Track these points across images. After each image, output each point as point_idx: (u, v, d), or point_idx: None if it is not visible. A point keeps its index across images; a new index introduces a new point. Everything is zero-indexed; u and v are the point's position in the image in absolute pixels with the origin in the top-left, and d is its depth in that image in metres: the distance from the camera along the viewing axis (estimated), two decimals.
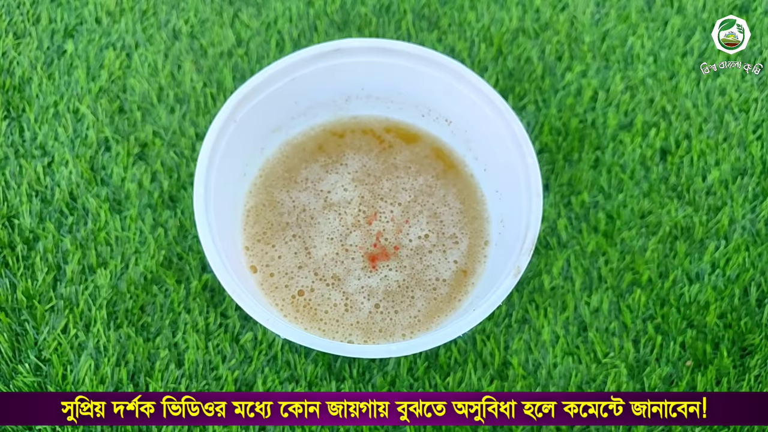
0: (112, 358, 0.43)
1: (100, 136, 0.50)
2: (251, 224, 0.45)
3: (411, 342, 0.37)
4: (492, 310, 0.37)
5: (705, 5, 0.56)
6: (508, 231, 0.43)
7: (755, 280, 0.47)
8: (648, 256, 0.47)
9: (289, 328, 0.37)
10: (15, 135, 0.50)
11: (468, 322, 0.37)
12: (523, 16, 0.56)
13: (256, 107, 0.43)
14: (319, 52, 0.44)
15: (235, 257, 0.42)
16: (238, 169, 0.45)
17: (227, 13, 0.55)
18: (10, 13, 0.55)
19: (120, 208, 0.48)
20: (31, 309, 0.45)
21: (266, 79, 0.43)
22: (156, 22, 0.55)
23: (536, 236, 0.39)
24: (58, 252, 0.46)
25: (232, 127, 0.42)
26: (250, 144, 0.45)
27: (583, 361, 0.44)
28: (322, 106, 0.47)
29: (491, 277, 0.42)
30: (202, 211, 0.39)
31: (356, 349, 0.37)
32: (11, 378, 0.43)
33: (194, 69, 0.53)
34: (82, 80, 0.52)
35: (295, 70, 0.44)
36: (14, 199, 0.48)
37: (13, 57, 0.53)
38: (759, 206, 0.49)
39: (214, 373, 0.43)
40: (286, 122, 0.47)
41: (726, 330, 0.45)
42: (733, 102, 0.53)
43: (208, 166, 0.41)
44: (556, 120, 0.52)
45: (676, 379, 0.44)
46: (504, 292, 0.38)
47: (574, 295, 0.46)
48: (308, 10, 0.55)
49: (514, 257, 0.39)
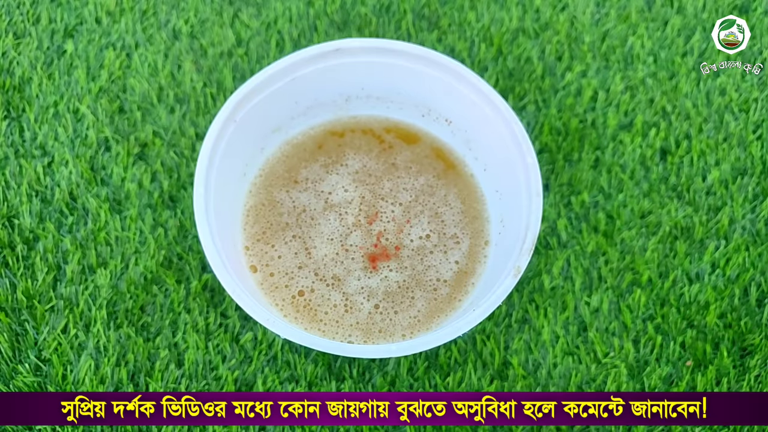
0: (112, 358, 0.43)
1: (100, 136, 0.50)
2: (251, 224, 0.45)
3: (411, 342, 0.37)
4: (492, 310, 0.37)
5: (705, 5, 0.56)
6: (508, 231, 0.43)
7: (755, 280, 0.47)
8: (648, 256, 0.47)
9: (289, 328, 0.37)
10: (15, 135, 0.50)
11: (468, 322, 0.37)
12: (523, 16, 0.56)
13: (256, 107, 0.43)
14: (319, 52, 0.44)
15: (235, 257, 0.42)
16: (238, 169, 0.45)
17: (227, 13, 0.55)
18: (10, 13, 0.55)
19: (120, 208, 0.48)
20: (31, 309, 0.45)
21: (266, 79, 0.43)
22: (156, 22, 0.55)
23: (536, 236, 0.39)
24: (58, 252, 0.46)
25: (232, 127, 0.42)
26: (250, 144, 0.45)
27: (583, 361, 0.44)
28: (322, 106, 0.47)
29: (491, 277, 0.42)
30: (202, 211, 0.39)
31: (356, 349, 0.37)
32: (11, 378, 0.43)
33: (194, 69, 0.53)
34: (82, 80, 0.52)
35: (295, 70, 0.44)
36: (14, 199, 0.48)
37: (13, 57, 0.53)
38: (759, 206, 0.49)
39: (214, 373, 0.43)
40: (286, 122, 0.47)
41: (726, 330, 0.45)
42: (733, 102, 0.53)
43: (208, 166, 0.41)
44: (556, 120, 0.52)
45: (676, 379, 0.44)
46: (504, 292, 0.38)
47: (574, 295, 0.46)
48: (308, 10, 0.55)
49: (514, 257, 0.39)
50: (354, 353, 0.37)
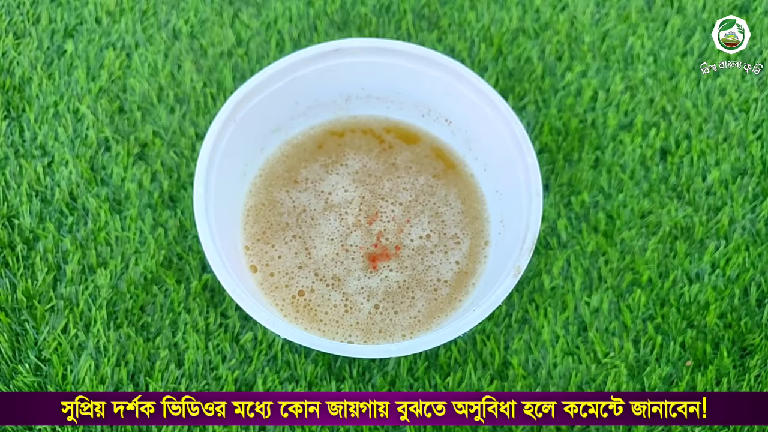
0: (112, 358, 0.43)
1: (100, 136, 0.50)
2: (251, 224, 0.45)
3: (411, 342, 0.37)
4: (492, 310, 0.37)
5: (705, 5, 0.56)
6: (508, 231, 0.43)
7: (755, 280, 0.47)
8: (648, 256, 0.47)
9: (289, 328, 0.37)
10: (15, 135, 0.50)
11: (468, 322, 0.37)
12: (523, 16, 0.56)
13: (256, 107, 0.43)
14: (319, 52, 0.44)
15: (235, 257, 0.42)
16: (238, 169, 0.45)
17: (227, 13, 0.55)
18: (10, 13, 0.55)
19: (120, 208, 0.48)
20: (31, 309, 0.45)
21: (266, 79, 0.43)
22: (156, 22, 0.55)
23: (536, 236, 0.39)
24: (58, 252, 0.46)
25: (232, 127, 0.42)
26: (250, 144, 0.45)
27: (583, 361, 0.44)
28: (322, 106, 0.47)
29: (491, 277, 0.42)
30: (202, 210, 0.39)
31: (356, 349, 0.37)
32: (11, 378, 0.43)
33: (194, 69, 0.53)
34: (82, 80, 0.52)
35: (295, 70, 0.44)
36: (14, 199, 0.48)
37: (13, 57, 0.53)
38: (759, 206, 0.49)
39: (214, 373, 0.43)
40: (286, 122, 0.47)
41: (726, 330, 0.45)
42: (733, 102, 0.53)
43: (208, 165, 0.41)
44: (556, 120, 0.52)
45: (676, 379, 0.44)
46: (504, 292, 0.38)
47: (574, 295, 0.46)
48: (308, 10, 0.55)
49: (514, 257, 0.39)
50: (354, 353, 0.37)
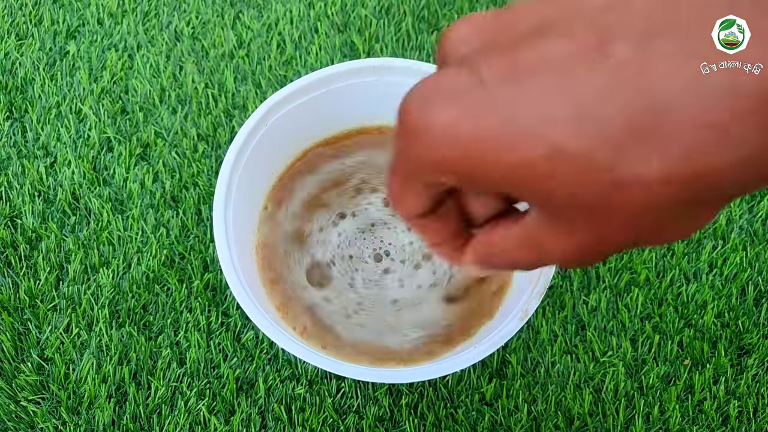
0: (115, 357, 0.44)
1: (103, 136, 0.50)
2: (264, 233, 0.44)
3: (411, 370, 0.37)
4: (492, 351, 0.36)
5: None
6: (522, 272, 0.42)
7: (752, 279, 0.47)
8: (646, 256, 0.47)
9: (301, 348, 0.36)
10: (18, 135, 0.50)
11: (467, 359, 0.36)
12: None
13: (289, 113, 0.43)
14: (357, 67, 0.43)
15: (249, 266, 0.42)
16: (264, 172, 0.44)
17: (228, 15, 0.55)
18: (12, 14, 0.55)
19: (122, 208, 0.48)
20: (33, 308, 0.45)
21: (302, 88, 0.43)
22: (158, 23, 0.55)
23: (549, 281, 0.38)
24: (60, 252, 0.46)
25: (262, 129, 0.42)
26: (276, 149, 0.45)
27: (582, 360, 0.45)
28: (353, 118, 0.47)
29: (501, 314, 0.41)
30: (221, 210, 0.39)
31: (362, 371, 0.37)
32: (14, 377, 0.43)
33: (196, 70, 0.53)
34: (85, 81, 0.52)
35: (331, 82, 0.44)
36: (17, 199, 0.48)
37: (16, 58, 0.53)
38: (756, 206, 0.49)
39: (216, 371, 0.44)
40: (316, 132, 0.46)
41: (723, 329, 0.46)
42: None
43: (233, 166, 0.40)
44: None
45: (674, 378, 0.44)
46: (508, 334, 0.37)
47: (572, 294, 0.46)
48: (309, 12, 0.56)
49: (524, 300, 0.38)
50: (359, 375, 0.36)
